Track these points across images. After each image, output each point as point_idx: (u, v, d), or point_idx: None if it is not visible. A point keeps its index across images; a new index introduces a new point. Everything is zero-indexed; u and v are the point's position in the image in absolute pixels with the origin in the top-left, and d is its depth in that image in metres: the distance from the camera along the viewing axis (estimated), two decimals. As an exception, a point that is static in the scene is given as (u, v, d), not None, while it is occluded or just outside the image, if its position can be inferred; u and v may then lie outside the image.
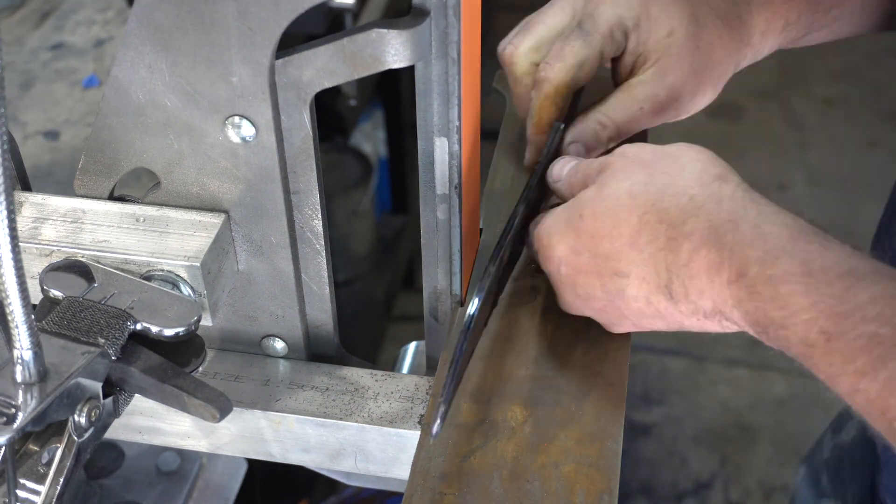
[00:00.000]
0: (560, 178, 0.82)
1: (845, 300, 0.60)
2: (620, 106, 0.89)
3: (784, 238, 0.65)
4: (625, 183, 0.72)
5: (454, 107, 0.70)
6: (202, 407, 0.67)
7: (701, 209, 0.68)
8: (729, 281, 0.66)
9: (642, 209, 0.70)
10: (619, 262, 0.71)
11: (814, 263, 0.62)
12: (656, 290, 0.70)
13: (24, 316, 0.57)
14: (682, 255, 0.68)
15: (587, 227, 0.73)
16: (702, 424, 2.47)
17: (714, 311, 0.68)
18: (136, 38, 0.67)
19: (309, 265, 0.78)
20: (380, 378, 0.81)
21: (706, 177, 0.70)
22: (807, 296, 0.61)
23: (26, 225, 0.74)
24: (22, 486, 0.65)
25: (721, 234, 0.66)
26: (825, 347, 0.60)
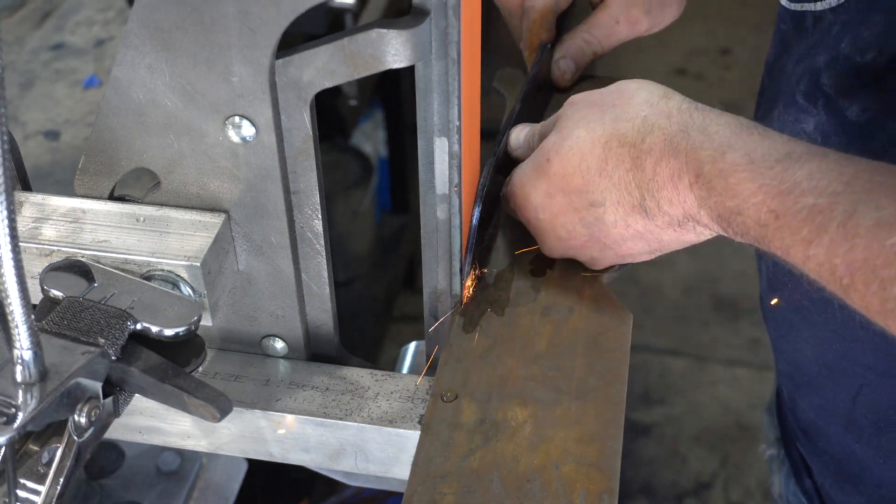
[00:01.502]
0: (518, 144, 0.89)
1: (785, 180, 0.65)
2: (600, 22, 1.03)
3: (727, 134, 0.70)
4: (581, 122, 0.78)
5: (454, 107, 0.70)
6: (202, 407, 0.67)
7: (654, 125, 0.74)
8: (690, 184, 0.71)
9: (604, 139, 0.76)
10: (593, 192, 0.77)
11: (755, 152, 0.68)
12: (632, 211, 0.76)
13: (24, 316, 0.57)
14: (647, 170, 0.73)
15: (555, 168, 0.79)
16: (702, 424, 2.47)
17: (685, 217, 0.73)
18: (136, 38, 0.67)
19: (309, 265, 0.78)
20: (380, 378, 0.81)
21: (653, 98, 0.76)
22: (753, 181, 0.67)
23: (26, 225, 0.74)
24: (22, 485, 0.65)
25: (676, 143, 0.72)
26: (775, 224, 0.65)
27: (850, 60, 0.81)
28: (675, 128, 0.73)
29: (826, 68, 0.83)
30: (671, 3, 1.04)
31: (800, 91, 0.86)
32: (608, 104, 0.78)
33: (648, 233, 0.76)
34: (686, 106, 0.75)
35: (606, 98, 0.79)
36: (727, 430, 2.46)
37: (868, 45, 0.79)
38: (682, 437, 2.43)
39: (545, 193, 0.80)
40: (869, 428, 0.90)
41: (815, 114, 0.85)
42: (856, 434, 0.92)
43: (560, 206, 0.79)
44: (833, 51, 0.83)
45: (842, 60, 0.82)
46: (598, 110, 0.78)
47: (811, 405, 0.97)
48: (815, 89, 0.84)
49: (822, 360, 0.91)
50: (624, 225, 0.77)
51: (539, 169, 0.80)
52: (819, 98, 0.84)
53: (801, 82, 0.87)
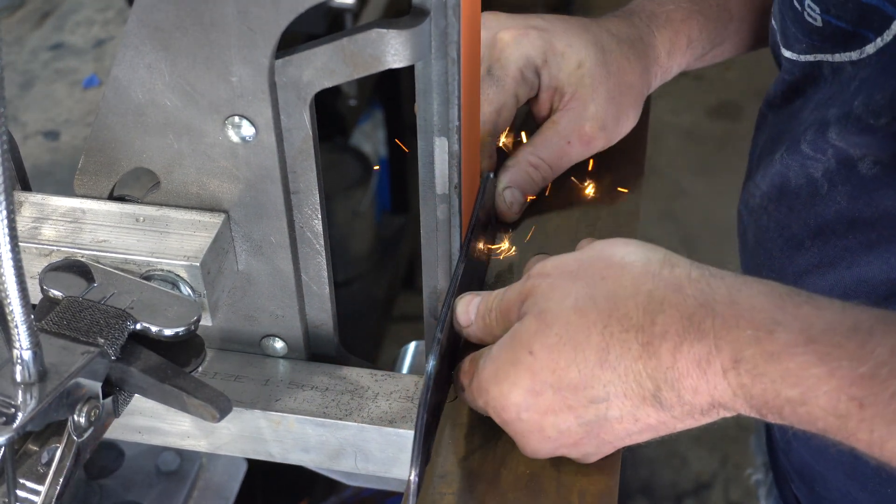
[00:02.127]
0: (470, 321, 0.74)
1: (863, 359, 0.56)
2: (548, 143, 0.89)
3: (769, 308, 0.60)
4: (566, 301, 0.66)
5: (454, 107, 0.70)
6: (202, 407, 0.67)
7: (665, 302, 0.63)
8: (724, 370, 0.60)
9: (601, 324, 0.64)
10: (593, 387, 0.65)
11: (813, 328, 0.58)
12: (642, 404, 0.64)
13: (24, 316, 0.57)
14: (664, 358, 0.62)
15: (542, 362, 0.66)
16: (702, 424, 2.46)
17: (711, 405, 0.63)
18: (136, 38, 0.67)
19: (309, 265, 0.78)
20: (380, 378, 0.81)
21: (653, 266, 0.65)
22: (821, 365, 0.57)
23: (26, 225, 0.74)
24: (22, 485, 0.65)
25: (698, 323, 0.61)
26: (860, 415, 0.56)
27: (863, 121, 0.76)
28: (692, 303, 0.62)
29: (836, 123, 0.79)
30: (627, 114, 0.92)
31: (806, 140, 0.82)
32: (594, 276, 0.66)
33: (661, 425, 0.66)
34: (697, 273, 0.64)
35: (589, 268, 0.67)
36: (727, 430, 2.46)
37: (881, 109, 0.75)
38: (682, 437, 2.43)
39: (529, 391, 0.66)
40: (873, 477, 0.83)
41: (823, 161, 0.80)
42: (859, 482, 0.86)
43: (550, 405, 0.66)
44: (846, 107, 0.78)
45: (854, 119, 0.77)
46: (583, 285, 0.66)
47: (808, 449, 0.90)
48: (822, 141, 0.80)
49: None
50: (632, 420, 0.65)
51: (518, 363, 0.67)
52: (828, 149, 0.80)
53: (808, 132, 0.82)
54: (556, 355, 0.65)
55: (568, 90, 0.89)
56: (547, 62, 0.89)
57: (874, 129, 0.76)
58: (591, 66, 0.89)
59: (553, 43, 0.89)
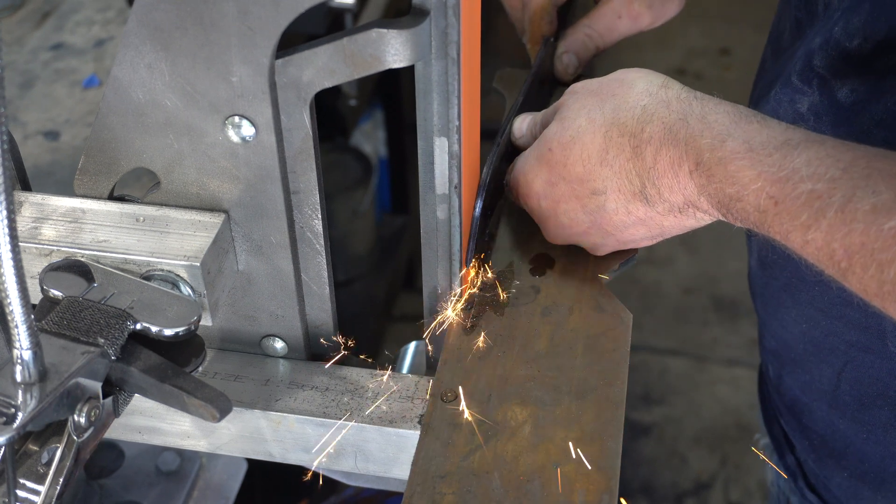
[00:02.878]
0: (522, 133, 0.91)
1: (784, 166, 0.67)
2: (602, 17, 1.04)
3: (727, 123, 0.72)
4: (582, 111, 0.80)
5: (454, 107, 0.70)
6: (202, 407, 0.67)
7: (654, 115, 0.75)
8: (690, 171, 0.73)
9: (604, 128, 0.78)
10: (594, 180, 0.78)
11: (754, 140, 0.69)
12: (632, 198, 0.77)
13: (24, 316, 0.57)
14: (647, 159, 0.75)
15: (557, 157, 0.80)
16: (702, 424, 2.47)
17: (685, 203, 0.75)
18: (136, 38, 0.67)
19: (309, 265, 0.78)
20: (380, 378, 0.81)
21: (652, 87, 0.78)
22: (752, 168, 0.68)
23: (26, 225, 0.74)
24: (22, 485, 0.65)
25: (675, 132, 0.73)
26: (775, 210, 0.67)
27: (840, 45, 0.83)
28: (674, 116, 0.74)
29: (819, 50, 0.85)
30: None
31: (796, 71, 0.88)
32: (608, 93, 0.80)
33: (650, 219, 0.78)
34: (685, 95, 0.76)
35: (606, 87, 0.81)
36: (727, 430, 2.46)
37: (855, 31, 0.81)
38: (682, 437, 2.43)
39: (547, 182, 0.82)
40: (853, 404, 0.91)
41: (809, 94, 0.86)
42: (840, 411, 0.93)
43: (562, 194, 0.81)
44: (827, 34, 0.84)
45: (833, 44, 0.83)
46: (598, 99, 0.80)
47: (796, 382, 0.98)
48: (809, 70, 0.86)
49: (808, 338, 0.93)
50: (625, 212, 0.78)
51: (541, 158, 0.82)
52: (813, 79, 0.86)
53: (798, 63, 0.88)
54: (568, 151, 0.80)
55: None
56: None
57: (849, 53, 0.82)
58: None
59: None
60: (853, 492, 0.97)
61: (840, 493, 0.99)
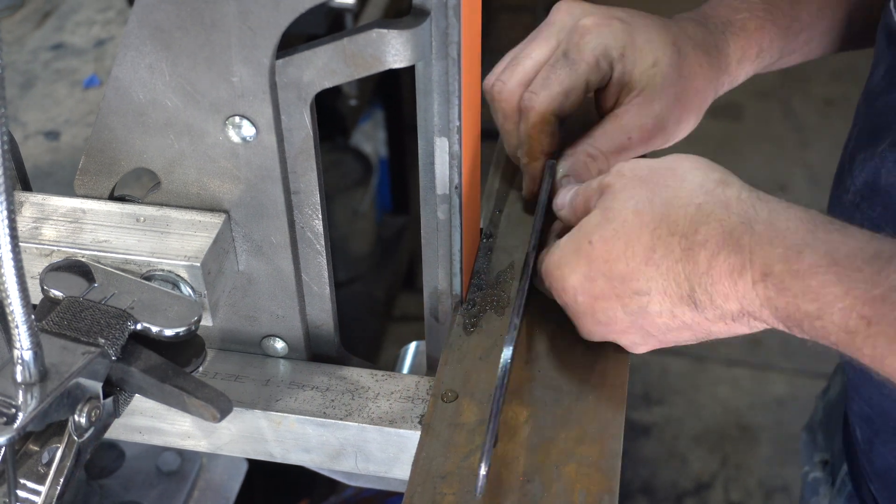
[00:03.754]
0: (564, 205, 0.83)
1: (878, 283, 0.61)
2: (609, 136, 0.89)
3: (802, 231, 0.66)
4: (629, 202, 0.72)
5: (454, 107, 0.70)
6: (202, 407, 0.67)
7: (711, 216, 0.69)
8: (754, 281, 0.66)
9: (652, 225, 0.71)
10: (638, 280, 0.71)
11: (838, 252, 0.63)
12: (679, 302, 0.70)
13: (25, 316, 0.57)
14: (701, 263, 0.68)
15: (598, 252, 0.73)
16: (702, 424, 2.47)
17: (741, 312, 0.68)
18: (136, 38, 0.67)
19: (309, 265, 0.78)
20: (380, 378, 0.81)
21: (709, 184, 0.71)
22: (838, 284, 0.62)
23: (26, 225, 0.74)
24: (22, 486, 0.65)
25: (737, 237, 0.67)
26: (867, 332, 0.61)
27: None
28: (734, 220, 0.68)
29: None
30: (689, 118, 0.93)
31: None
32: (659, 184, 0.72)
33: (696, 325, 0.72)
34: (746, 195, 0.70)
35: (657, 177, 0.73)
36: (727, 430, 2.46)
37: None
38: (682, 437, 2.43)
39: (586, 277, 0.74)
40: None
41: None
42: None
43: (601, 291, 0.74)
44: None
45: None
46: (647, 190, 0.72)
47: (890, 451, 0.92)
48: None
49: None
50: (670, 315, 0.72)
51: (580, 251, 0.74)
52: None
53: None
54: (611, 247, 0.72)
55: (637, 86, 0.89)
56: (624, 56, 0.89)
57: None
58: (665, 67, 0.89)
59: (634, 37, 0.89)
60: None
61: None
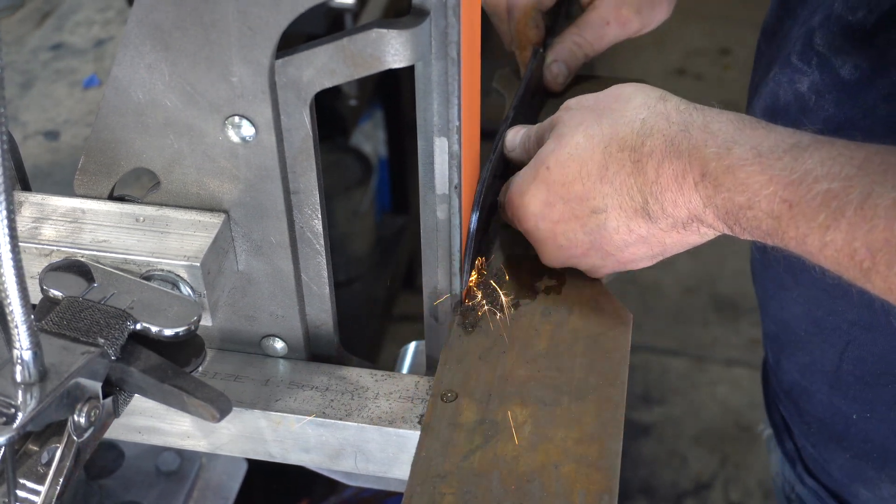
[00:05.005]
0: (514, 146, 0.88)
1: (796, 169, 0.65)
2: (590, 24, 1.01)
3: (731, 131, 0.70)
4: (579, 127, 0.78)
5: (454, 107, 0.70)
6: (202, 407, 0.67)
7: (654, 128, 0.74)
8: (695, 182, 0.70)
9: (603, 144, 0.75)
10: (594, 199, 0.76)
11: (762, 145, 0.68)
12: (634, 215, 0.75)
13: (24, 316, 0.57)
14: (650, 173, 0.73)
15: (555, 176, 0.78)
16: (702, 424, 2.47)
17: (689, 218, 0.73)
18: (136, 38, 0.67)
19: (309, 265, 0.78)
20: (380, 378, 0.81)
21: (650, 100, 0.76)
22: (763, 173, 0.67)
23: (26, 225, 0.74)
24: (22, 486, 0.65)
25: (677, 144, 0.72)
26: (789, 214, 0.65)
27: (843, 19, 0.81)
28: (675, 128, 0.73)
29: (819, 28, 0.84)
30: (661, 2, 1.03)
31: (795, 52, 0.87)
32: (605, 108, 0.78)
33: (651, 237, 0.76)
34: (684, 106, 0.75)
35: (602, 102, 0.79)
36: (727, 430, 2.46)
37: (858, 4, 0.80)
38: (682, 437, 2.43)
39: (544, 202, 0.79)
40: (855, 384, 0.90)
41: (809, 73, 0.85)
42: (841, 391, 0.92)
43: (560, 215, 0.78)
44: (827, 10, 0.83)
45: (834, 20, 0.82)
46: (594, 115, 0.78)
47: (796, 365, 0.97)
48: (808, 49, 0.85)
49: (810, 318, 0.92)
50: (626, 230, 0.76)
51: (538, 177, 0.79)
52: (813, 57, 0.85)
53: (797, 43, 0.87)
54: (566, 170, 0.77)
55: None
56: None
57: (852, 27, 0.81)
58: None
59: None
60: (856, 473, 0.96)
61: (841, 475, 0.98)
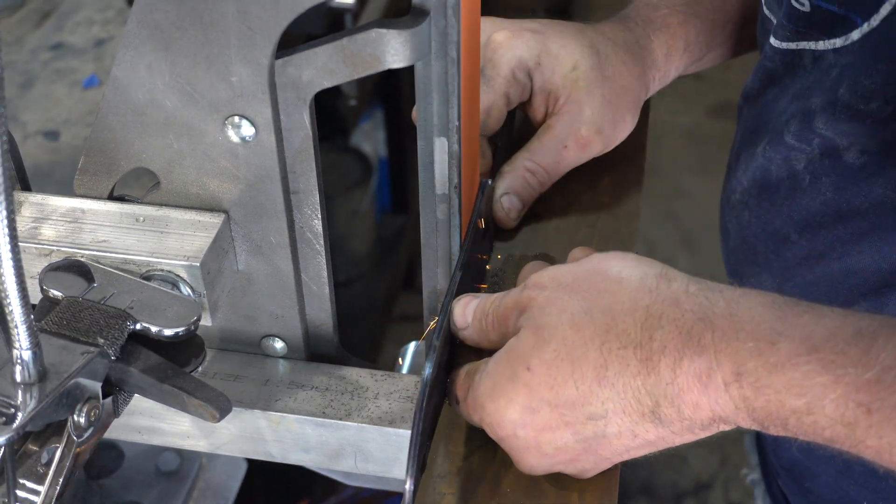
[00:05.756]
0: (466, 324, 0.74)
1: (869, 365, 0.55)
2: (545, 148, 0.88)
3: (769, 319, 0.59)
4: (563, 317, 0.65)
5: (454, 107, 0.70)
6: (202, 407, 0.67)
7: (663, 317, 0.62)
8: (726, 383, 0.60)
9: (599, 340, 0.63)
10: (591, 404, 0.64)
11: (815, 336, 0.57)
12: (641, 420, 0.64)
13: (24, 316, 0.57)
14: (664, 373, 0.62)
15: (540, 379, 0.65)
16: (702, 424, 2.46)
17: (712, 420, 0.63)
18: (136, 38, 0.67)
19: (309, 265, 0.78)
20: (380, 378, 0.81)
21: (649, 281, 0.65)
22: (825, 373, 0.56)
23: (26, 225, 0.74)
24: (21, 486, 0.64)
25: (698, 337, 0.61)
26: (868, 421, 0.55)
27: (852, 108, 0.76)
28: (690, 317, 0.61)
29: (822, 112, 0.79)
30: (624, 117, 0.90)
31: (790, 131, 0.82)
32: (591, 290, 0.65)
33: (660, 440, 0.65)
34: (695, 287, 0.64)
35: (584, 282, 0.66)
36: (727, 430, 2.46)
37: (872, 94, 0.74)
38: (682, 437, 2.43)
39: (526, 408, 0.66)
40: (866, 471, 0.83)
41: (807, 152, 0.80)
42: (852, 478, 0.86)
43: (547, 422, 0.65)
44: (829, 95, 0.78)
45: (841, 107, 0.77)
46: (579, 299, 0.65)
47: (798, 447, 0.89)
48: (808, 132, 0.80)
49: None
50: (631, 436, 0.65)
51: (516, 379, 0.66)
52: (813, 139, 0.80)
53: (791, 122, 0.82)
54: (554, 371, 0.64)
55: (563, 93, 0.88)
56: (540, 64, 0.88)
57: (863, 116, 0.75)
58: (585, 69, 0.88)
59: (547, 45, 0.88)
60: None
61: None
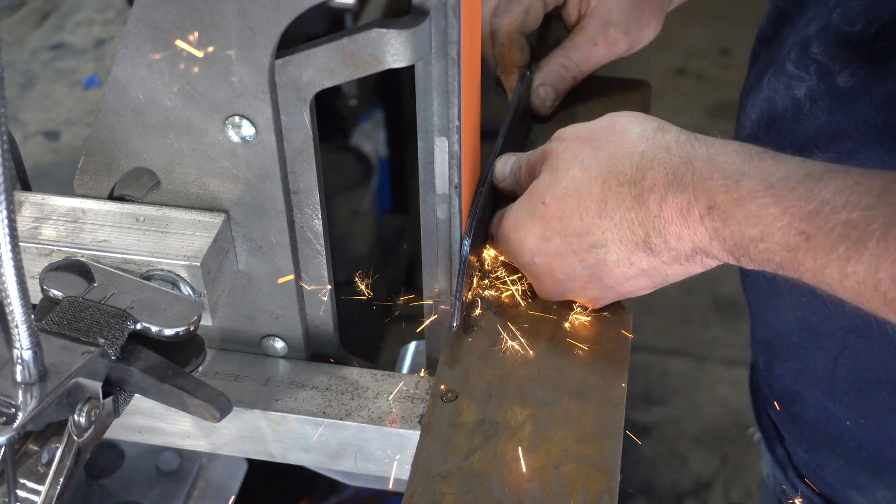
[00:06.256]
0: (504, 176, 0.85)
1: (811, 199, 0.64)
2: (577, 46, 0.99)
3: (738, 162, 0.68)
4: (575, 161, 0.76)
5: (454, 106, 0.70)
6: (202, 406, 0.67)
7: (654, 160, 0.72)
8: (701, 216, 0.69)
9: (601, 178, 0.74)
10: (593, 233, 0.74)
11: (773, 176, 0.66)
12: (635, 249, 0.74)
13: (24, 316, 0.57)
14: (652, 207, 0.71)
15: (552, 212, 0.76)
16: (702, 424, 2.47)
17: (694, 250, 0.71)
18: (136, 38, 0.67)
19: (309, 265, 0.78)
20: (380, 378, 0.81)
21: (648, 132, 0.74)
22: (776, 205, 0.65)
23: (26, 225, 0.74)
24: (22, 485, 0.65)
25: (680, 177, 0.70)
26: (806, 246, 0.64)
27: (840, 31, 0.82)
28: (676, 160, 0.71)
29: (816, 37, 0.84)
30: (649, 22, 1.01)
31: (790, 59, 0.87)
32: (600, 140, 0.76)
33: (653, 269, 0.75)
34: (684, 137, 0.73)
35: (597, 133, 0.77)
36: (727, 430, 2.46)
37: (857, 16, 0.80)
38: (682, 437, 2.43)
39: (541, 237, 0.77)
40: (849, 390, 0.90)
41: (806, 79, 0.85)
42: (836, 398, 0.92)
43: (558, 250, 0.77)
44: (824, 20, 0.84)
45: (832, 31, 0.83)
46: (590, 147, 0.76)
47: (789, 371, 0.97)
48: (805, 57, 0.85)
49: (803, 324, 0.92)
50: (627, 264, 0.75)
51: (534, 212, 0.77)
52: (810, 65, 0.85)
53: (792, 51, 0.87)
54: (563, 205, 0.75)
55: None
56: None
57: (850, 38, 0.81)
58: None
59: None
60: (850, 479, 0.96)
61: (835, 480, 0.98)
